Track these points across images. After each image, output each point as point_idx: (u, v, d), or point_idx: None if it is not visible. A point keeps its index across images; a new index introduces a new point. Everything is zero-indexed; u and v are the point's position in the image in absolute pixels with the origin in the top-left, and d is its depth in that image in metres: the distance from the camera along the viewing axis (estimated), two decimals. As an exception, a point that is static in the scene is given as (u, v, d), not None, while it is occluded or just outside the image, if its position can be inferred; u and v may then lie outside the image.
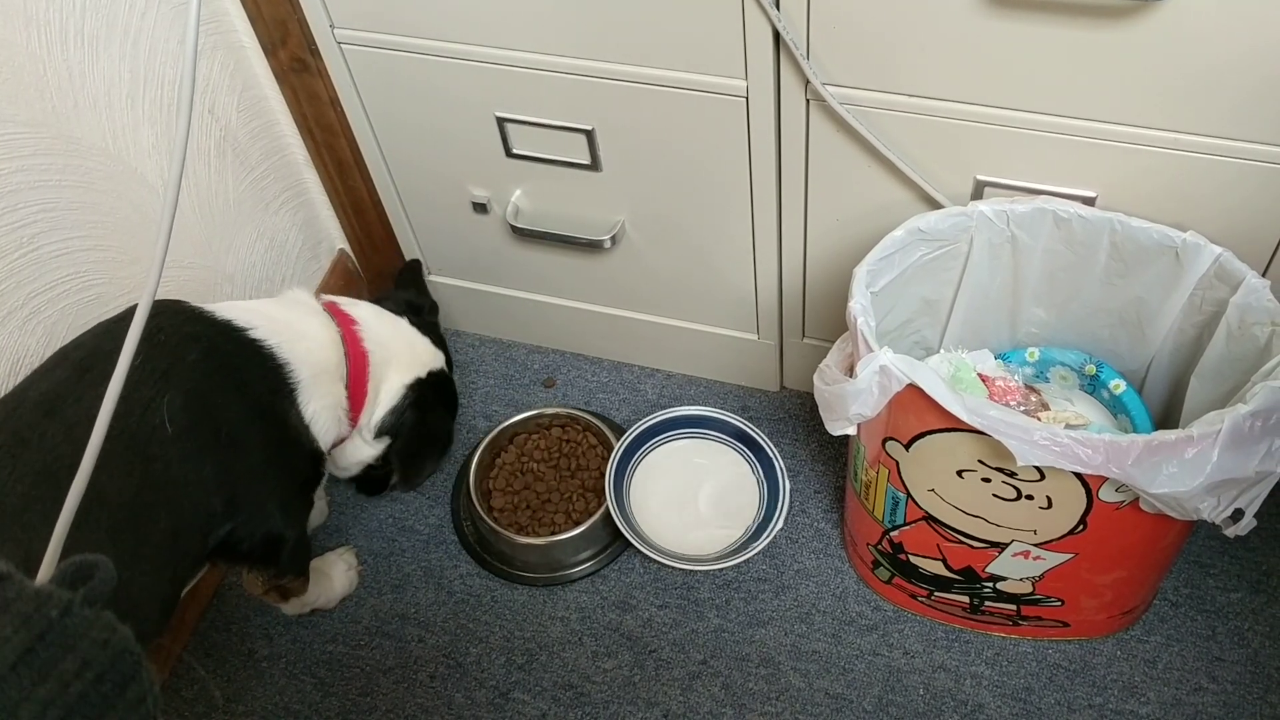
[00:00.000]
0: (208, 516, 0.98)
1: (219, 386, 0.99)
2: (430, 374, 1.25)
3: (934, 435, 0.99)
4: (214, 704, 1.30)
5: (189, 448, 0.94)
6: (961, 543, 1.10)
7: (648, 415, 1.43)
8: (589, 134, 1.21)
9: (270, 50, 1.31)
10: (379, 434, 1.21)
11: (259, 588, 1.19)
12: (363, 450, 1.22)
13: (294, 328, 1.10)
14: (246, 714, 1.29)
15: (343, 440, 1.19)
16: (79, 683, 0.39)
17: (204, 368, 0.98)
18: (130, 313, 0.99)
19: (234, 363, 1.03)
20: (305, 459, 1.11)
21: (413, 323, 1.27)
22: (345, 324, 1.16)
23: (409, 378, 1.22)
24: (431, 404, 1.25)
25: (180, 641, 1.34)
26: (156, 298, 1.02)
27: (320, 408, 1.10)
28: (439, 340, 1.31)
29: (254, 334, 1.05)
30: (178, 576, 0.96)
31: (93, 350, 0.96)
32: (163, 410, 0.92)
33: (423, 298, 1.39)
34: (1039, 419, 1.13)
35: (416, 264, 1.45)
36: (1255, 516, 0.94)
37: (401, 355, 1.22)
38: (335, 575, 1.35)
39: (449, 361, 1.34)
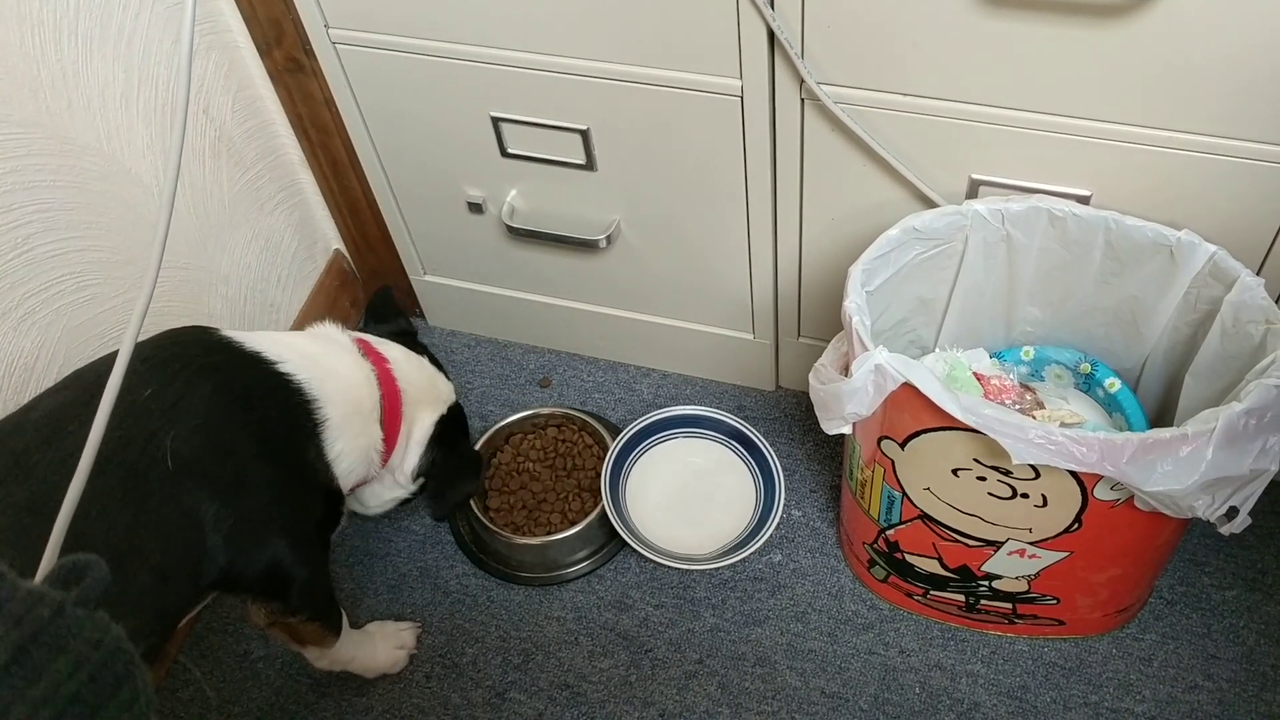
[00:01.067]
0: (203, 555, 0.93)
1: (230, 421, 0.95)
2: (450, 409, 1.24)
3: (929, 434, 0.99)
4: (208, 705, 1.30)
5: (189, 484, 0.91)
6: (957, 541, 1.11)
7: (643, 415, 1.43)
8: (584, 134, 1.21)
9: (265, 50, 1.31)
10: (416, 476, 1.21)
11: (263, 619, 1.12)
12: (394, 491, 1.22)
13: (325, 365, 1.08)
14: (242, 715, 1.28)
15: (367, 481, 1.17)
16: (71, 683, 0.39)
17: (216, 401, 0.95)
18: (160, 336, 0.99)
19: (252, 397, 0.99)
20: (319, 498, 1.07)
21: (432, 357, 1.28)
22: (379, 363, 1.14)
23: (435, 415, 1.21)
24: (455, 437, 1.25)
25: (175, 643, 1.34)
26: (188, 325, 1.03)
27: (348, 448, 1.08)
28: (440, 367, 1.30)
29: (283, 368, 1.03)
30: (166, 616, 0.92)
31: (105, 373, 0.94)
32: (166, 445, 0.89)
33: (406, 324, 1.34)
34: (1034, 417, 1.13)
35: (388, 290, 1.38)
36: (1250, 514, 0.94)
37: (428, 393, 1.21)
38: (381, 646, 1.29)
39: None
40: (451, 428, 1.24)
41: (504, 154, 1.28)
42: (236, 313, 1.42)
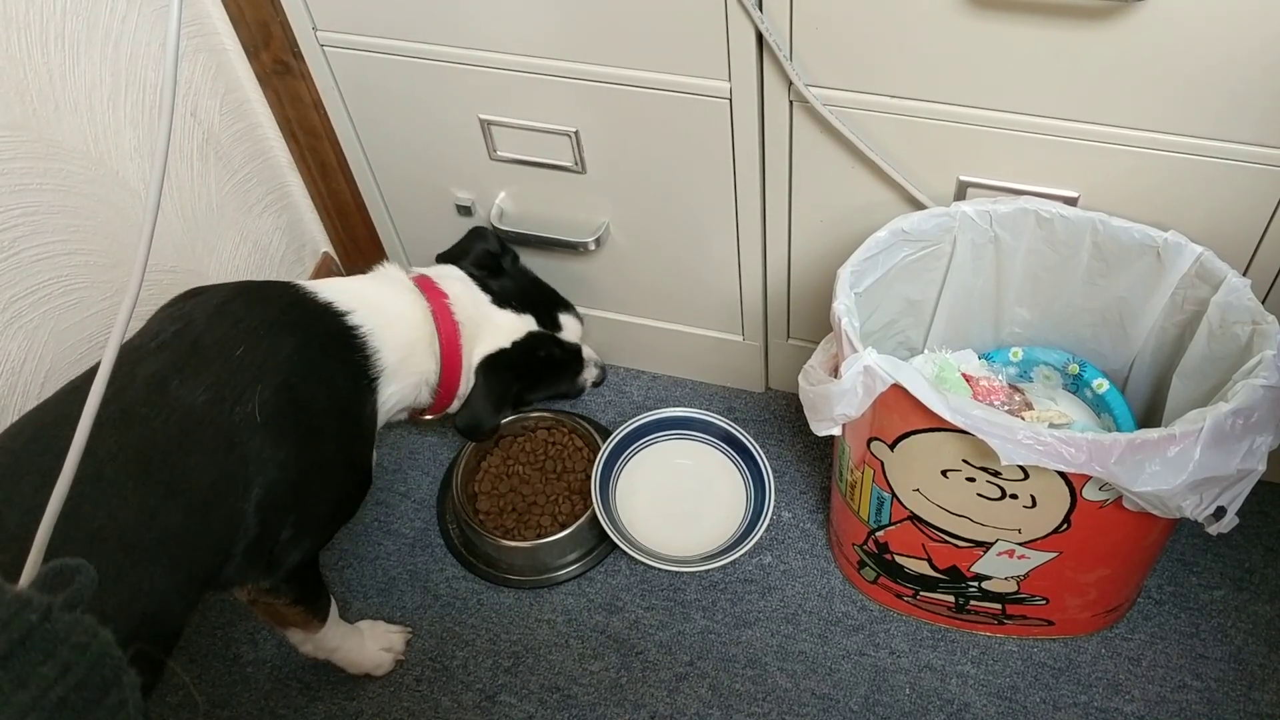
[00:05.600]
0: (273, 508, 0.99)
1: (308, 377, 1.02)
2: (515, 344, 1.27)
3: (918, 435, 0.99)
4: (197, 709, 1.29)
5: (272, 435, 0.97)
6: (946, 542, 1.11)
7: (633, 417, 1.43)
8: (573, 136, 1.21)
9: (252, 53, 1.30)
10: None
11: (245, 594, 1.13)
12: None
13: (387, 310, 1.13)
14: (232, 719, 1.28)
15: (433, 407, 1.23)
16: (59, 688, 0.39)
17: (298, 359, 1.02)
18: (245, 294, 1.05)
19: (326, 351, 1.06)
20: (363, 465, 1.12)
21: (497, 295, 1.28)
22: (436, 299, 1.19)
23: (489, 348, 1.24)
24: (505, 367, 1.26)
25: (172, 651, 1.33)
26: (272, 279, 1.11)
27: (398, 389, 1.14)
28: (525, 290, 1.32)
29: (352, 319, 1.09)
30: (233, 558, 0.98)
31: (202, 333, 0.99)
32: (254, 400, 0.97)
33: (491, 256, 1.33)
34: (1023, 418, 1.13)
35: (479, 230, 1.35)
36: (1237, 514, 0.95)
37: (487, 323, 1.25)
38: (369, 644, 1.29)
39: (552, 300, 1.36)
40: (506, 360, 1.26)
41: (493, 156, 1.28)
42: (225, 316, 1.41)
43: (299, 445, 1.01)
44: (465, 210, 1.37)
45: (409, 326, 1.16)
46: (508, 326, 1.27)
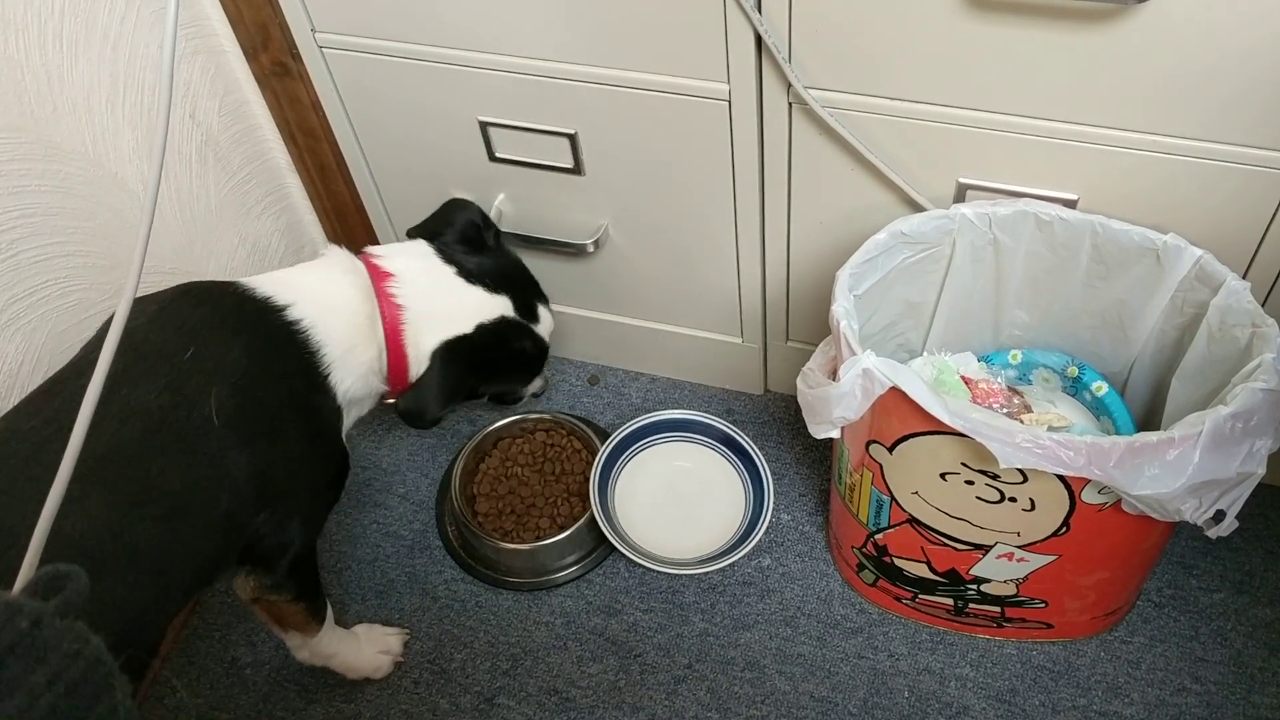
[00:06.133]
0: (242, 508, 0.98)
1: (261, 378, 1.00)
2: (481, 327, 1.16)
3: (917, 438, 0.99)
4: (190, 713, 1.29)
5: (233, 440, 0.95)
6: (945, 545, 1.11)
7: (632, 419, 1.43)
8: (572, 138, 1.21)
9: (251, 54, 1.30)
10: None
11: (248, 592, 1.12)
12: None
13: (325, 297, 1.08)
14: (229, 722, 1.28)
15: (390, 393, 1.16)
16: (49, 695, 0.38)
17: (248, 360, 0.99)
18: (183, 298, 1.01)
19: (273, 350, 1.03)
20: (334, 452, 1.10)
21: (466, 270, 1.17)
22: (378, 279, 1.10)
23: (444, 336, 1.13)
24: (464, 355, 1.15)
25: (158, 654, 1.33)
26: (210, 279, 1.06)
27: (353, 381, 1.10)
28: (504, 270, 1.21)
29: (291, 313, 1.04)
30: (210, 568, 0.97)
31: (145, 338, 0.96)
32: (211, 403, 0.94)
33: (483, 223, 1.24)
34: (1022, 421, 1.13)
35: (453, 201, 1.28)
36: (1237, 518, 0.94)
37: (443, 307, 1.14)
38: (367, 648, 1.28)
39: (532, 287, 1.25)
40: (466, 348, 1.15)
41: (492, 158, 1.27)
42: (223, 317, 1.41)
43: (264, 445, 0.98)
44: (464, 212, 1.37)
45: (349, 314, 1.09)
46: (474, 305, 1.16)
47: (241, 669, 1.32)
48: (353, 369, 1.09)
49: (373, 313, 1.10)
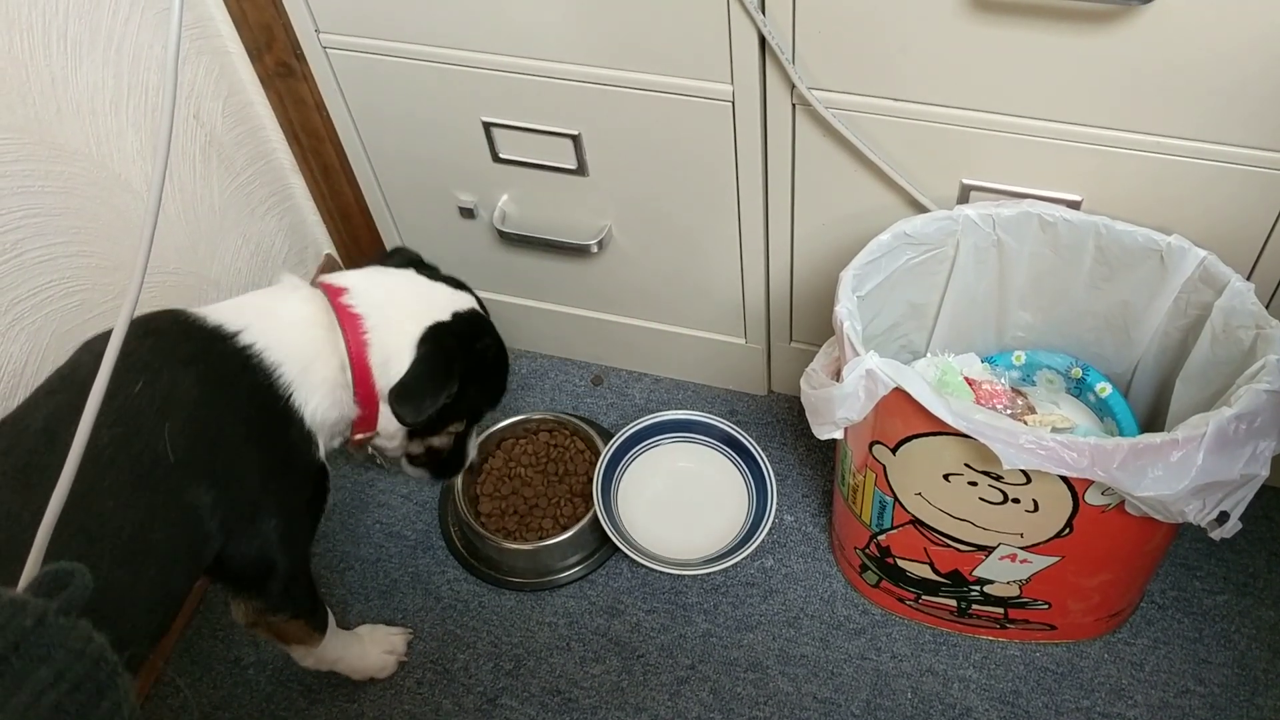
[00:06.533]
0: (203, 542, 0.95)
1: (214, 409, 0.96)
2: (455, 315, 1.14)
3: (920, 439, 0.99)
4: (194, 713, 1.29)
5: (189, 474, 0.92)
6: (948, 546, 1.10)
7: (635, 420, 1.43)
8: (576, 139, 1.21)
9: (255, 55, 1.30)
10: None
11: (244, 617, 1.11)
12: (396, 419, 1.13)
13: (277, 317, 1.04)
14: (233, 721, 1.28)
15: (362, 420, 1.11)
16: (53, 693, 0.38)
17: (200, 391, 0.95)
18: (134, 327, 0.96)
19: (226, 378, 0.99)
20: (307, 474, 1.06)
21: (423, 272, 1.19)
22: (332, 295, 1.08)
23: (425, 324, 1.11)
24: (449, 335, 1.13)
25: (162, 653, 1.33)
26: (158, 308, 1.02)
27: (319, 396, 1.05)
28: (457, 285, 1.21)
29: (243, 339, 1.00)
30: (172, 602, 0.94)
31: (90, 372, 0.91)
32: (164, 438, 0.91)
33: (411, 256, 1.24)
34: (1025, 422, 1.13)
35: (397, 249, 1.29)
36: (1240, 519, 0.94)
37: (408, 306, 1.12)
38: (371, 649, 1.28)
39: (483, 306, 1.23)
40: (449, 330, 1.13)
41: (495, 159, 1.27)
42: (227, 318, 1.41)
43: (224, 476, 0.95)
44: (468, 212, 1.37)
45: (303, 331, 1.05)
46: (445, 297, 1.15)
47: (244, 669, 1.32)
48: (316, 386, 1.04)
49: (331, 325, 1.06)
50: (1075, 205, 1.07)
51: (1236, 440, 0.90)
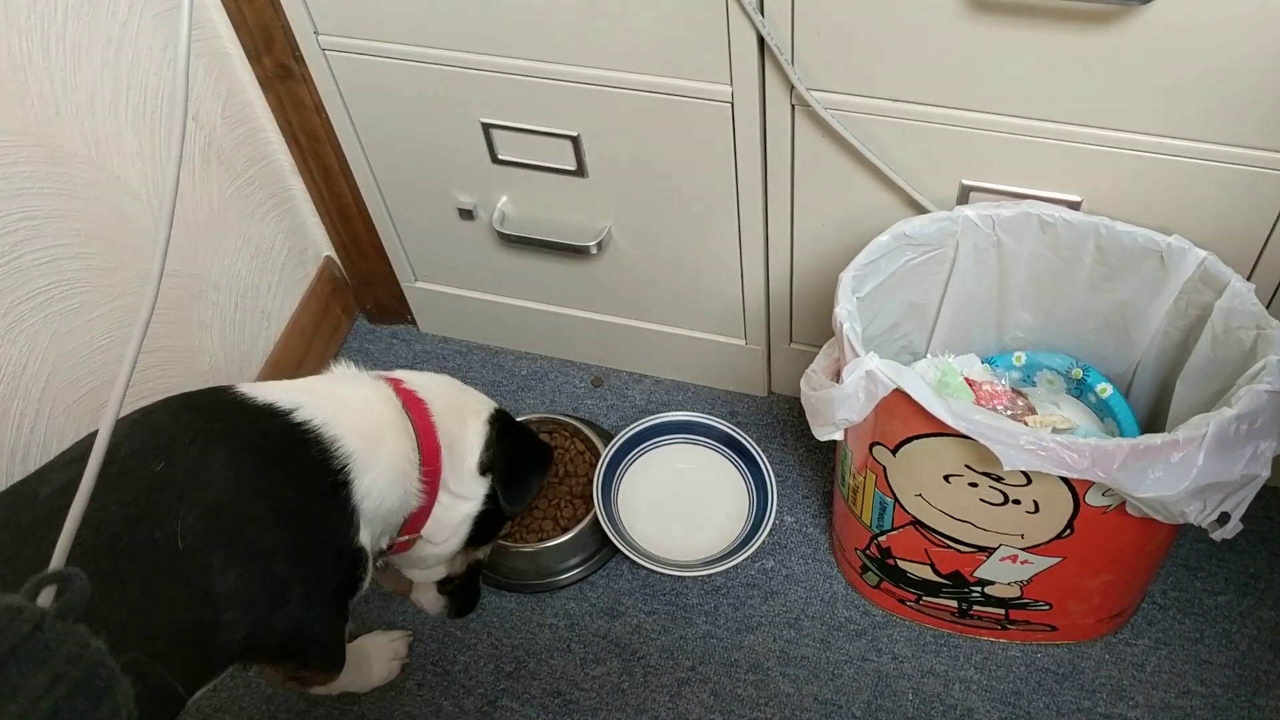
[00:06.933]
0: (216, 633, 0.89)
1: (246, 491, 0.92)
2: (495, 411, 1.19)
3: (920, 440, 0.99)
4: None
5: (202, 562, 0.87)
6: (949, 547, 1.10)
7: (636, 421, 1.43)
8: (575, 140, 1.21)
9: (254, 57, 1.30)
10: (483, 470, 1.14)
11: (276, 679, 1.08)
12: (458, 507, 1.14)
13: (337, 397, 1.03)
14: (233, 724, 1.28)
15: (416, 517, 1.10)
16: (50, 698, 0.38)
17: (231, 471, 0.91)
18: (174, 402, 0.95)
19: (269, 457, 0.95)
20: (341, 561, 1.01)
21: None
22: (394, 382, 1.10)
23: (484, 414, 1.16)
24: (512, 427, 1.19)
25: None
26: (207, 387, 1.00)
27: (379, 475, 1.01)
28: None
29: (299, 415, 0.98)
30: (172, 695, 0.87)
31: (119, 442, 0.88)
32: (177, 524, 0.85)
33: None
34: (1026, 423, 1.13)
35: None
36: (1242, 520, 0.94)
37: (461, 401, 1.15)
38: (376, 661, 1.27)
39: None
40: (506, 421, 1.18)
41: (494, 160, 1.27)
42: (227, 320, 1.41)
43: (249, 562, 0.90)
44: (467, 214, 1.37)
45: (367, 407, 1.04)
46: (476, 398, 1.19)
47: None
48: (380, 460, 1.02)
49: (396, 406, 1.06)
50: (1075, 206, 1.07)
51: (1237, 441, 0.90)
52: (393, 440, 1.04)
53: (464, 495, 1.14)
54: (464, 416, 1.14)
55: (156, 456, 0.88)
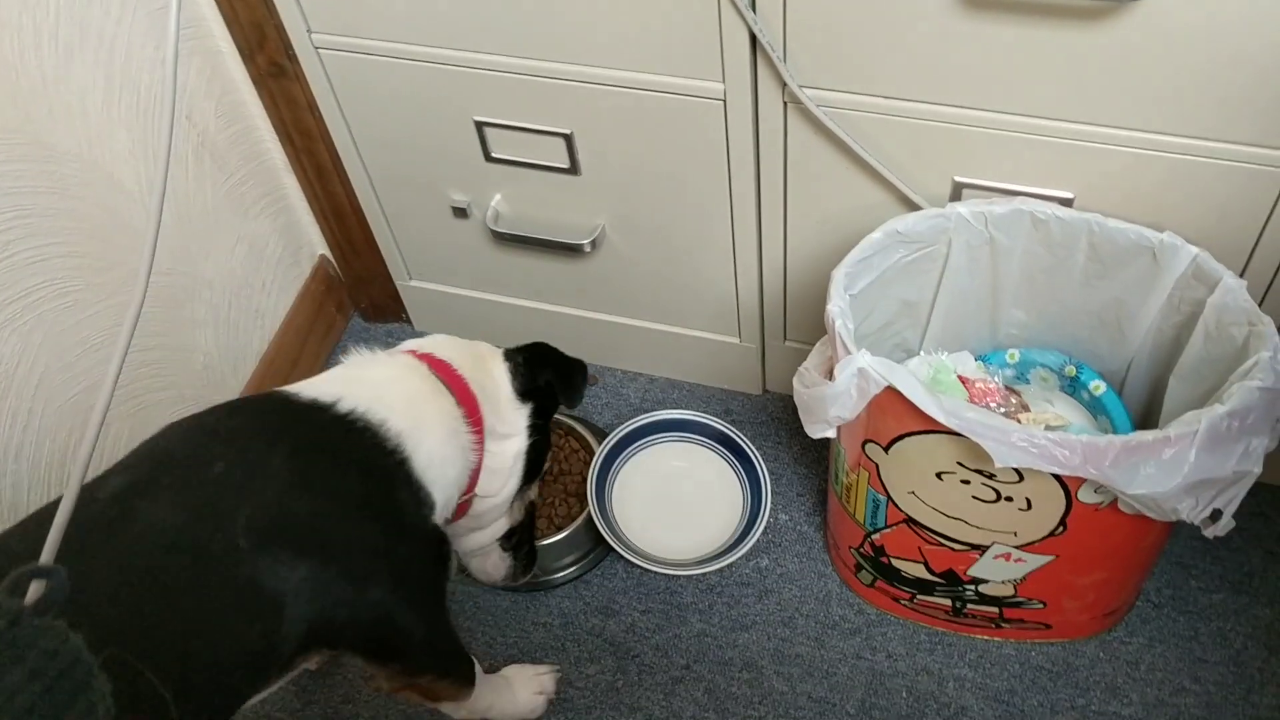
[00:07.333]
0: (278, 630, 0.87)
1: (310, 485, 0.91)
2: (506, 350, 1.17)
3: (913, 437, 0.98)
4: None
5: (266, 560, 0.85)
6: (942, 545, 1.10)
7: (630, 419, 1.43)
8: (568, 138, 1.21)
9: (248, 55, 1.30)
10: (522, 397, 1.13)
11: (388, 683, 1.05)
12: (508, 445, 1.12)
13: (371, 378, 1.03)
14: (227, 723, 1.28)
15: (475, 469, 1.09)
16: (26, 694, 0.38)
17: (293, 467, 0.90)
18: (227, 407, 0.95)
19: (327, 451, 0.95)
20: (419, 541, 1.00)
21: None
22: (409, 352, 1.09)
23: (499, 354, 1.15)
24: (536, 350, 1.18)
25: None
26: (260, 392, 0.99)
27: (434, 445, 1.01)
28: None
29: (342, 406, 0.97)
30: (233, 697, 0.86)
31: (174, 446, 0.90)
32: (239, 522, 0.85)
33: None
34: (1019, 420, 1.13)
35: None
36: (1235, 517, 0.94)
37: (474, 349, 1.14)
38: (520, 693, 1.23)
39: None
40: (521, 351, 1.17)
41: (488, 158, 1.27)
42: (221, 318, 1.41)
43: (320, 556, 0.89)
44: (461, 212, 1.37)
45: (400, 383, 1.04)
46: (486, 347, 1.18)
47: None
48: (430, 429, 1.02)
49: (424, 373, 1.06)
50: (1067, 203, 1.07)
51: (1229, 437, 0.90)
52: (434, 404, 1.04)
53: (509, 433, 1.13)
54: (483, 362, 1.13)
55: (213, 459, 0.87)
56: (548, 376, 1.16)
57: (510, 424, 1.13)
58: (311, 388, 1.00)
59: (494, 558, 1.23)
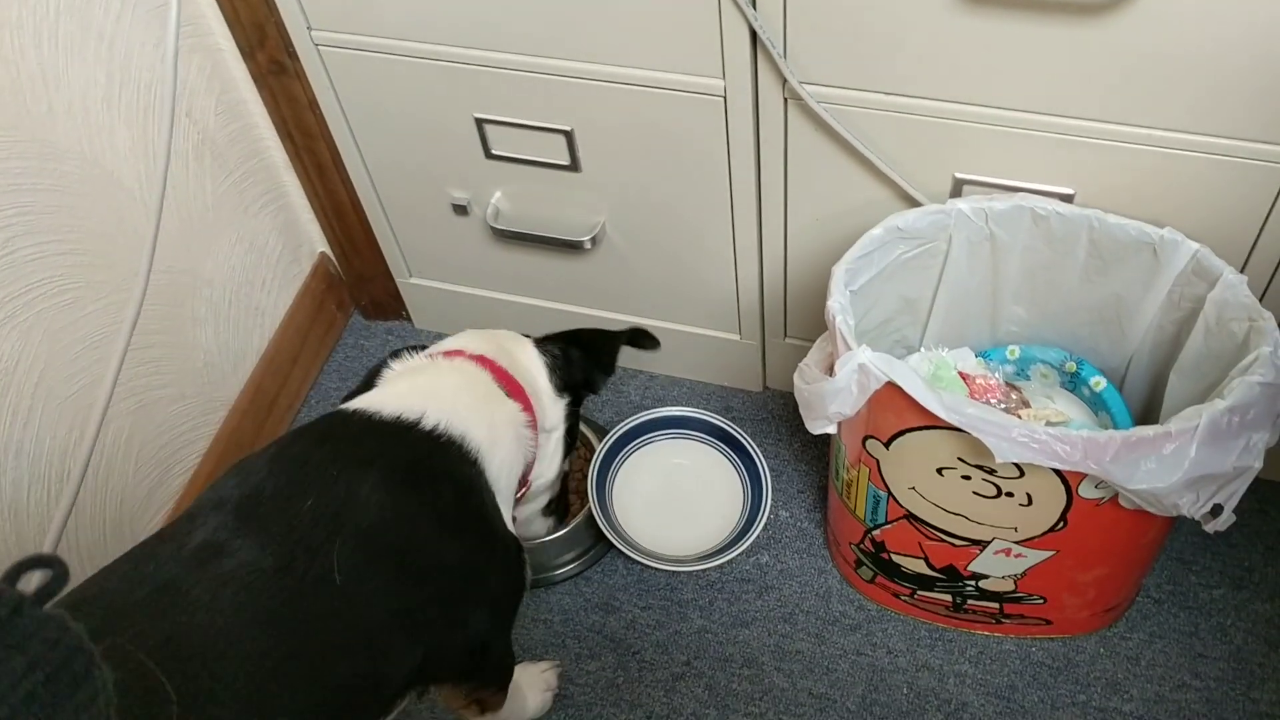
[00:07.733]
0: (385, 663, 0.86)
1: (403, 509, 0.88)
2: (533, 339, 1.16)
3: (913, 433, 0.98)
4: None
5: (364, 592, 0.83)
6: (943, 541, 1.10)
7: (630, 416, 1.43)
8: (568, 135, 1.21)
9: (248, 53, 1.30)
10: (560, 391, 1.13)
11: (458, 701, 1.05)
12: (553, 435, 1.12)
13: (438, 391, 1.00)
14: (228, 720, 1.28)
15: (530, 466, 1.08)
16: (26, 683, 0.38)
17: (383, 497, 0.87)
18: (309, 432, 0.92)
19: (417, 471, 0.92)
20: (506, 551, 0.99)
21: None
22: (454, 354, 1.07)
23: (528, 344, 1.14)
24: (562, 336, 1.17)
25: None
26: (331, 413, 0.95)
27: (505, 454, 1.00)
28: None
29: (426, 423, 0.94)
30: (165, 690, 0.77)
31: (263, 481, 0.86)
32: (333, 558, 0.82)
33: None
34: (1020, 416, 1.13)
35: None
36: (1236, 512, 0.94)
37: (504, 343, 1.12)
38: (531, 694, 1.23)
39: None
40: (549, 337, 1.16)
41: (488, 155, 1.27)
42: (221, 316, 1.41)
43: (418, 584, 0.87)
44: (461, 209, 1.37)
45: (467, 391, 1.02)
46: (511, 338, 1.16)
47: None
48: (502, 435, 1.01)
49: (479, 375, 1.04)
50: (1068, 199, 1.07)
51: (1229, 433, 0.90)
52: (501, 412, 1.03)
53: (554, 426, 1.12)
54: (518, 357, 1.11)
55: (304, 493, 0.85)
56: (582, 371, 1.16)
57: (554, 418, 1.13)
58: (392, 403, 0.96)
59: (537, 522, 1.26)
